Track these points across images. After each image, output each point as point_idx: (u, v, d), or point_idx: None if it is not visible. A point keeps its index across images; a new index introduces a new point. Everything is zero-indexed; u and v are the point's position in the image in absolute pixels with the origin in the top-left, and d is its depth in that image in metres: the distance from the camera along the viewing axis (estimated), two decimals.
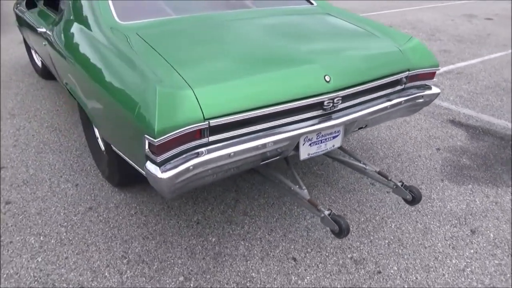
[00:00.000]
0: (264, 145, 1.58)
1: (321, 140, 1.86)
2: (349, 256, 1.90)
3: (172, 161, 1.41)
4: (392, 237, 2.02)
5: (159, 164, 1.39)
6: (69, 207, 2.22)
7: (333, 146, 1.93)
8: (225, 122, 1.49)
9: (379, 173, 2.03)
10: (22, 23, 3.79)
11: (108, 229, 2.05)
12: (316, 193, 2.35)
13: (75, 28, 2.09)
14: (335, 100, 1.75)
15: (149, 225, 2.08)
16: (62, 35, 2.20)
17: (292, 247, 1.95)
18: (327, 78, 1.72)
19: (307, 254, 1.90)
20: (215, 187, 2.39)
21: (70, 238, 1.99)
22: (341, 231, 1.63)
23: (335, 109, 1.80)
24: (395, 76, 2.00)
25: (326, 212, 1.70)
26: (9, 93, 3.95)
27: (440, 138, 3.08)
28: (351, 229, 1.93)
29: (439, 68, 2.19)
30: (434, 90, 2.17)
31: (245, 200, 2.29)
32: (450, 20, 8.00)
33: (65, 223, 2.09)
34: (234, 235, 2.02)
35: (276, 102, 1.60)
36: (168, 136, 1.35)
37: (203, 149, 1.48)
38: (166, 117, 1.36)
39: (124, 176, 2.17)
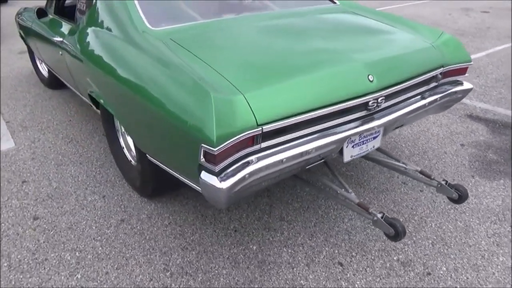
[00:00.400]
0: (314, 149, 1.54)
1: (362, 142, 1.83)
2: (395, 258, 1.87)
3: (228, 170, 1.37)
4: (435, 237, 2.00)
5: (217, 174, 1.35)
6: (100, 220, 2.16)
7: (373, 146, 1.90)
8: (277, 127, 1.44)
9: (421, 172, 2.00)
10: (28, 33, 3.71)
11: (145, 241, 1.99)
12: None
13: (103, 35, 2.04)
14: (379, 99, 1.72)
15: (186, 235, 2.03)
16: (87, 43, 2.14)
17: (336, 251, 1.91)
18: (371, 78, 1.69)
19: (352, 258, 1.87)
20: None
21: (107, 253, 1.93)
22: (398, 234, 1.60)
23: (378, 109, 1.77)
24: (430, 73, 1.97)
25: (379, 215, 1.66)
26: (17, 104, 3.87)
27: (462, 133, 3.07)
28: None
29: (472, 62, 2.17)
30: (466, 85, 2.15)
31: (279, 205, 2.25)
32: (448, 14, 8.04)
33: (99, 237, 2.03)
34: (275, 242, 1.97)
35: (324, 104, 1.56)
36: (226, 144, 1.31)
37: (254, 157, 1.43)
38: (223, 125, 1.31)
39: (159, 186, 2.12)
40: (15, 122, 3.46)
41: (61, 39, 2.60)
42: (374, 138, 1.88)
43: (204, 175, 1.37)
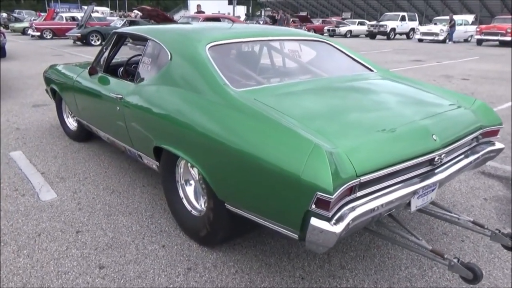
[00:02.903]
0: (399, 198, 1.73)
1: (424, 193, 2.03)
2: None
3: (336, 216, 1.52)
4: (489, 283, 2.15)
5: (329, 219, 1.50)
6: (167, 269, 2.21)
7: (431, 198, 2.10)
8: (371, 178, 1.64)
9: (473, 222, 2.20)
10: (65, 88, 3.89)
11: None
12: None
13: (181, 94, 2.24)
14: (442, 156, 1.95)
15: (256, 283, 2.10)
16: (162, 101, 2.33)
17: None
18: (435, 137, 1.93)
19: None
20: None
21: None
22: (476, 277, 1.75)
23: (439, 165, 2.00)
24: (473, 134, 2.25)
25: (455, 260, 1.82)
26: (47, 156, 3.93)
27: (481, 188, 3.33)
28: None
29: (503, 125, 2.47)
30: (498, 145, 2.43)
31: (336, 254, 2.37)
32: (433, 80, 8.76)
33: (171, 285, 2.08)
34: None
35: (403, 159, 1.77)
36: (338, 193, 1.48)
37: (353, 204, 1.60)
38: (335, 175, 1.49)
39: (229, 235, 2.22)
40: (50, 173, 3.51)
41: (120, 95, 2.78)
42: (432, 190, 2.08)
43: (315, 221, 1.52)
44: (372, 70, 2.90)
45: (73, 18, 21.02)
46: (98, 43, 17.03)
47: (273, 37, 2.87)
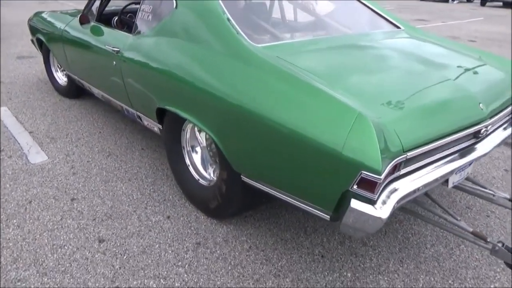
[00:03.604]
0: (445, 174, 1.52)
1: (462, 168, 1.82)
2: (492, 286, 1.85)
3: (379, 199, 1.31)
4: None
5: (372, 202, 1.28)
6: (174, 244, 2.01)
7: (468, 173, 1.90)
8: (417, 154, 1.41)
9: (511, 200, 2.02)
10: (53, 39, 3.51)
11: (231, 267, 1.87)
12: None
13: (194, 49, 1.93)
14: (488, 127, 1.73)
15: (272, 261, 1.93)
16: (168, 56, 2.03)
17: (432, 279, 1.87)
18: (481, 106, 1.69)
19: (451, 287, 1.84)
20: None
21: (195, 280, 1.79)
22: None
23: (482, 138, 1.78)
24: None
25: (499, 244, 1.64)
26: (35, 113, 3.63)
27: (500, 158, 3.15)
28: None
29: None
30: None
31: None
32: None
33: (180, 263, 1.89)
34: (368, 269, 1.91)
35: (450, 131, 1.54)
36: (386, 171, 1.25)
37: (398, 183, 1.39)
38: (384, 151, 1.26)
39: (241, 209, 2.01)
40: (39, 132, 3.23)
41: (117, 48, 2.46)
42: (469, 164, 1.88)
43: (355, 204, 1.30)
44: (399, 27, 2.60)
45: None
46: None
47: None
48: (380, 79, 1.68)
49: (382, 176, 1.23)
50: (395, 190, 1.36)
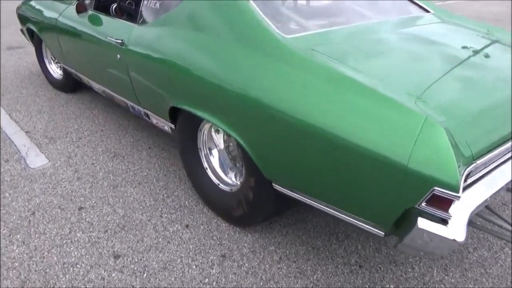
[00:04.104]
0: (509, 182, 1.35)
1: None
2: None
3: (451, 218, 1.13)
4: None
5: (445, 222, 1.11)
6: (197, 257, 1.84)
7: None
8: (485, 161, 1.23)
9: None
10: (46, 29, 3.24)
11: (263, 283, 1.71)
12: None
13: (204, 42, 1.72)
14: None
15: (306, 274, 1.76)
16: (183, 51, 1.81)
17: None
18: None
19: None
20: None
21: None
22: None
23: None
24: None
25: None
26: (31, 110, 3.38)
27: None
28: None
29: None
30: None
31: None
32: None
33: (206, 280, 1.72)
34: (411, 280, 1.76)
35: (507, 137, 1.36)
36: (461, 185, 1.07)
37: (465, 197, 1.21)
38: (459, 163, 1.07)
39: (268, 217, 1.84)
40: (36, 132, 3.00)
41: (121, 40, 2.22)
42: None
43: (424, 223, 1.12)
44: (428, 11, 2.39)
45: None
46: None
47: None
48: (434, 75, 1.47)
49: (460, 192, 1.05)
50: (465, 204, 1.18)
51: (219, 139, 2.08)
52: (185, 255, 1.85)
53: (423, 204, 1.12)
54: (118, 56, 2.28)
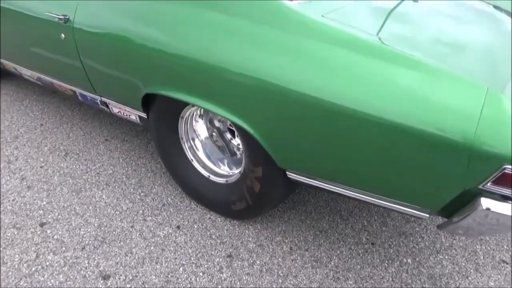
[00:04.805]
0: None
1: None
2: None
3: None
4: None
5: (507, 199, 1.03)
6: (201, 262, 1.63)
7: None
8: None
9: None
10: None
11: (282, 280, 1.57)
12: None
13: (195, 9, 1.43)
14: None
15: (323, 262, 1.65)
16: (160, 22, 1.50)
17: (489, 248, 1.76)
18: None
19: None
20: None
21: None
22: None
23: None
24: None
25: None
26: None
27: None
28: None
29: None
30: None
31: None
32: None
33: (219, 287, 1.53)
34: (425, 250, 1.74)
35: None
36: None
37: None
38: None
39: (274, 206, 1.68)
40: None
41: (65, 15, 1.82)
42: None
43: (488, 203, 1.04)
44: None
45: None
46: None
47: None
48: (470, 47, 1.36)
49: None
50: None
51: (200, 125, 1.83)
52: (187, 262, 1.63)
53: (488, 184, 1.03)
54: (63, 35, 1.87)
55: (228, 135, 1.83)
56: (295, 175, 1.43)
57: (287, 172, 1.44)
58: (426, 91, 1.06)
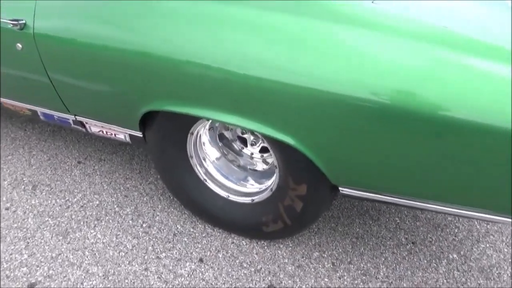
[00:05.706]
0: None
1: None
2: None
3: None
4: None
5: None
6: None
7: None
8: None
9: None
10: None
11: None
12: None
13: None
14: None
15: (371, 273, 1.51)
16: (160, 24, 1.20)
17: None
18: None
19: None
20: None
21: None
22: None
23: None
24: None
25: None
26: None
27: None
28: None
29: None
30: None
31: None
32: None
33: None
34: (465, 240, 1.66)
35: None
36: None
37: None
38: None
39: (313, 223, 1.49)
40: None
41: (20, 20, 1.42)
42: None
43: None
44: None
45: None
46: None
47: None
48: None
49: None
50: None
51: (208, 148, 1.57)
52: None
53: None
54: (19, 45, 1.47)
55: (239, 144, 1.60)
56: (350, 191, 1.24)
57: (340, 188, 1.25)
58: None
